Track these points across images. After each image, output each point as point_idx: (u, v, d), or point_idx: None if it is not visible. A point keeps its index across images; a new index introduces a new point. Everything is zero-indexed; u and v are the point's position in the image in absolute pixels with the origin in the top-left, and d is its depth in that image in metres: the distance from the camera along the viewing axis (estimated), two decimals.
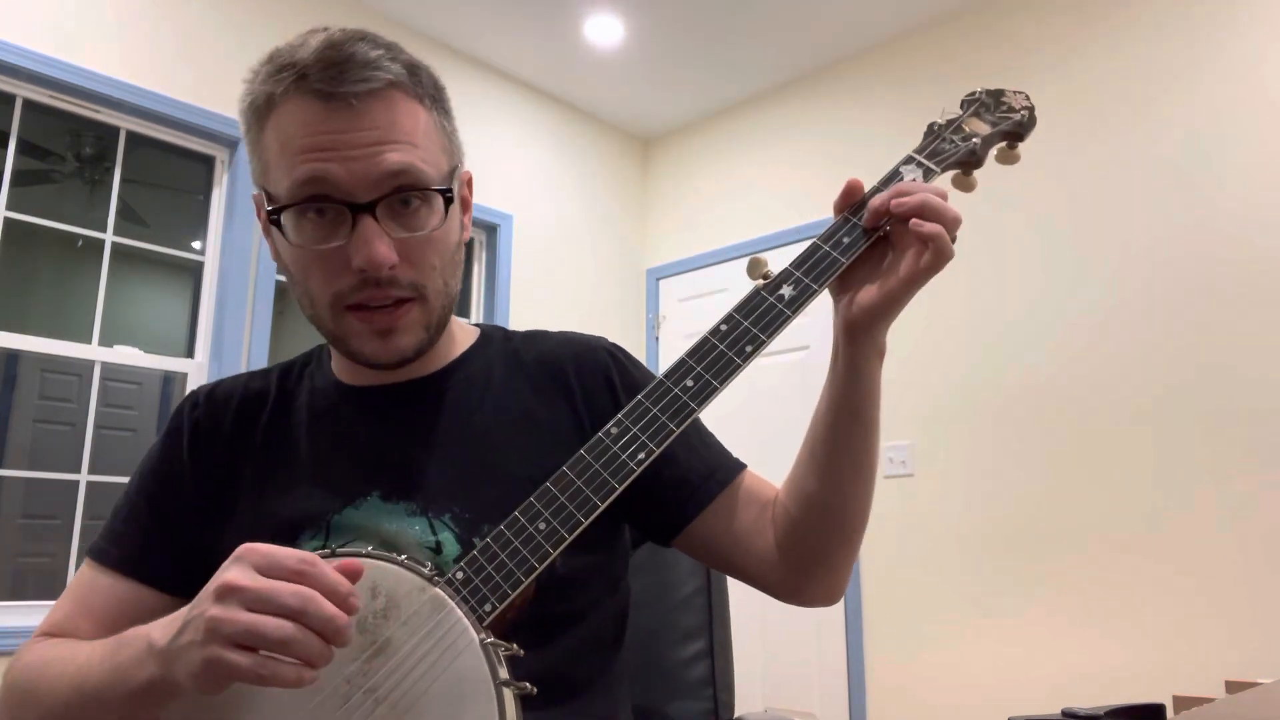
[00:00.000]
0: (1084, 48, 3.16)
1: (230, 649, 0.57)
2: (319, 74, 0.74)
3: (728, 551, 0.86)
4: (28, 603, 2.64)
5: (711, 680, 1.12)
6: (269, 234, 0.81)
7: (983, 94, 0.84)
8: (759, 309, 0.74)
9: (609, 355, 0.93)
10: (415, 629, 0.64)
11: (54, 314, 4.28)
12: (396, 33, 3.63)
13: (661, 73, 4.01)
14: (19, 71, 2.69)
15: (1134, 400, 2.89)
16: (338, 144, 0.74)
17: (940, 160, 0.79)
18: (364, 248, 0.74)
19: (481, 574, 0.66)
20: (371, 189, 0.74)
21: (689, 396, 0.71)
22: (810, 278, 0.74)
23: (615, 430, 0.70)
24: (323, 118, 0.74)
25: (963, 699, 3.12)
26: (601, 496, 0.68)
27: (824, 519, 0.81)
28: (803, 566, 0.83)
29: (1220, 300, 2.76)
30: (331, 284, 0.76)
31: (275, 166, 0.76)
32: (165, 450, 0.88)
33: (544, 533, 0.67)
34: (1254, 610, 2.58)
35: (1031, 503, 3.05)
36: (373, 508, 0.80)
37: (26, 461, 4.14)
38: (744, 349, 0.72)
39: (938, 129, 0.82)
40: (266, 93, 0.76)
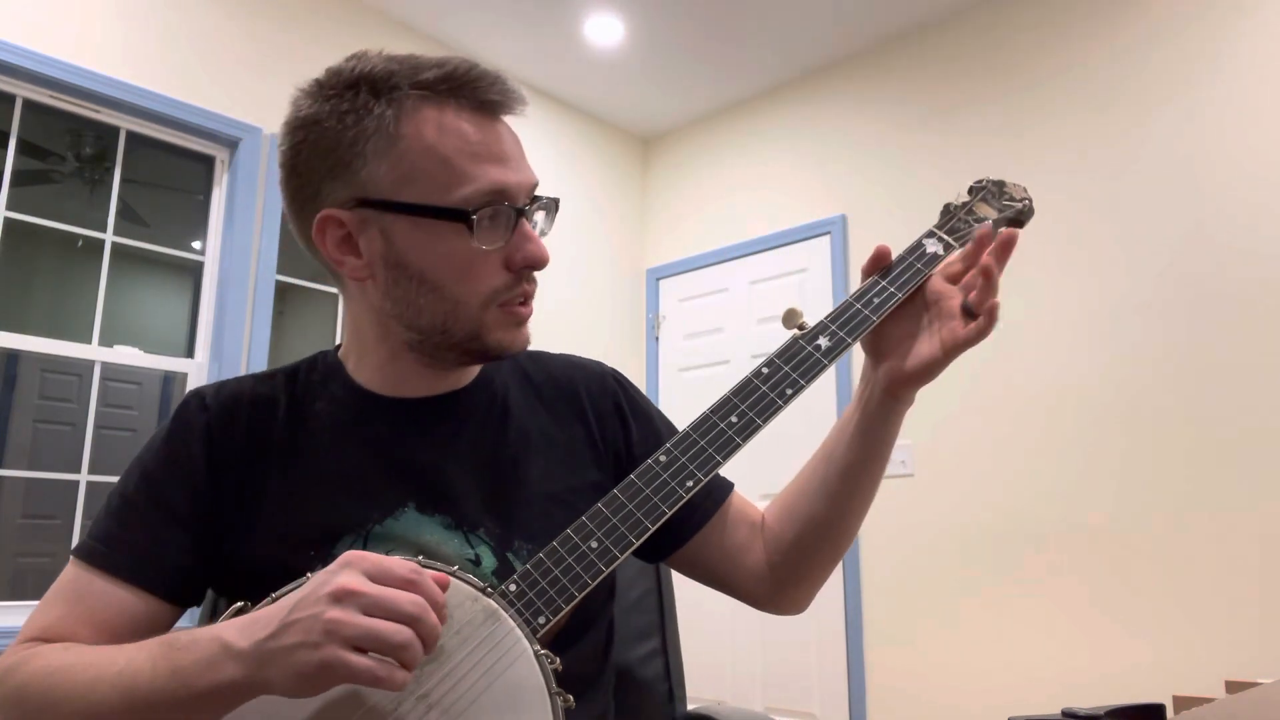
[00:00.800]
0: (1085, 48, 3.16)
1: (350, 651, 0.58)
2: (474, 82, 0.80)
3: (718, 567, 0.93)
4: (28, 603, 2.64)
5: (667, 675, 1.19)
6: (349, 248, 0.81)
7: (988, 183, 0.95)
8: (798, 356, 0.82)
9: (615, 382, 0.99)
10: (468, 638, 0.66)
11: (54, 314, 4.28)
12: (397, 33, 3.64)
13: (661, 73, 4.01)
14: (19, 71, 2.69)
15: (1134, 401, 2.89)
16: (511, 154, 0.81)
17: (957, 237, 0.90)
18: (533, 245, 0.81)
19: (535, 588, 0.70)
20: (526, 197, 0.82)
21: (734, 431, 0.78)
22: (845, 331, 0.82)
23: (665, 459, 0.77)
24: (486, 126, 0.80)
25: (963, 700, 3.12)
26: (652, 520, 0.74)
27: (824, 540, 0.88)
28: (792, 581, 0.90)
29: (1222, 301, 2.76)
30: (489, 282, 0.80)
31: (433, 174, 0.78)
32: (173, 452, 0.83)
33: (596, 551, 0.72)
34: (1254, 610, 2.58)
35: (1031, 503, 3.05)
36: (411, 519, 0.81)
37: (26, 461, 4.14)
38: (785, 391, 0.80)
39: (953, 210, 0.93)
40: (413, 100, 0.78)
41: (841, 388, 3.63)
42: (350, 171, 0.78)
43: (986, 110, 3.37)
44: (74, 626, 0.76)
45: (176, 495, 0.81)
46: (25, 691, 0.71)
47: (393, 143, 0.77)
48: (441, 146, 0.78)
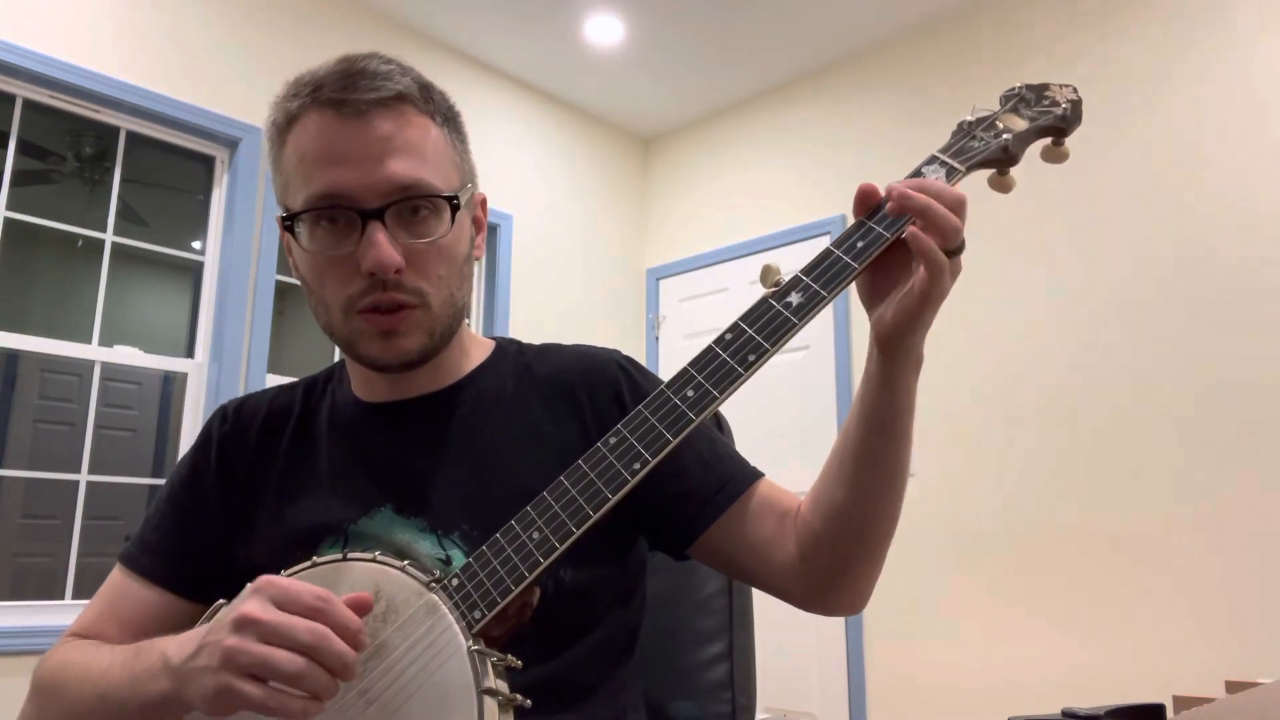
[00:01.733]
0: (1085, 48, 3.16)
1: (243, 679, 0.60)
2: (333, 84, 0.78)
3: (745, 562, 0.85)
4: (28, 603, 2.64)
5: (730, 683, 1.11)
6: (289, 251, 0.85)
7: (1023, 88, 0.80)
8: (765, 316, 0.70)
9: (619, 369, 0.93)
10: (409, 632, 0.65)
11: (54, 314, 4.29)
12: (397, 33, 3.64)
13: (661, 73, 4.01)
14: (19, 71, 2.69)
15: (1134, 402, 2.89)
16: (350, 153, 0.77)
17: (966, 159, 0.76)
18: (371, 250, 0.76)
19: (474, 580, 0.67)
20: (380, 197, 0.77)
21: (688, 406, 0.69)
22: (820, 284, 0.71)
23: (613, 440, 0.70)
24: (335, 128, 0.78)
25: (963, 699, 3.12)
26: (594, 506, 0.68)
27: (850, 530, 0.80)
28: (827, 577, 0.82)
29: (1224, 304, 2.76)
30: (344, 289, 0.79)
31: (293, 179, 0.80)
32: (194, 462, 0.91)
33: (536, 542, 0.68)
34: (1254, 610, 2.58)
35: (1032, 503, 3.05)
36: (387, 519, 0.82)
37: (26, 461, 4.14)
38: (746, 358, 0.69)
39: (967, 126, 0.78)
40: (286, 110, 0.80)
41: (840, 383, 3.63)
42: (274, 183, 0.84)
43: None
44: (105, 623, 0.86)
45: (194, 504, 0.89)
46: (41, 682, 0.81)
47: (279, 153, 0.82)
48: (296, 153, 0.79)
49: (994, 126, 0.77)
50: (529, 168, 4.07)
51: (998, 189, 0.78)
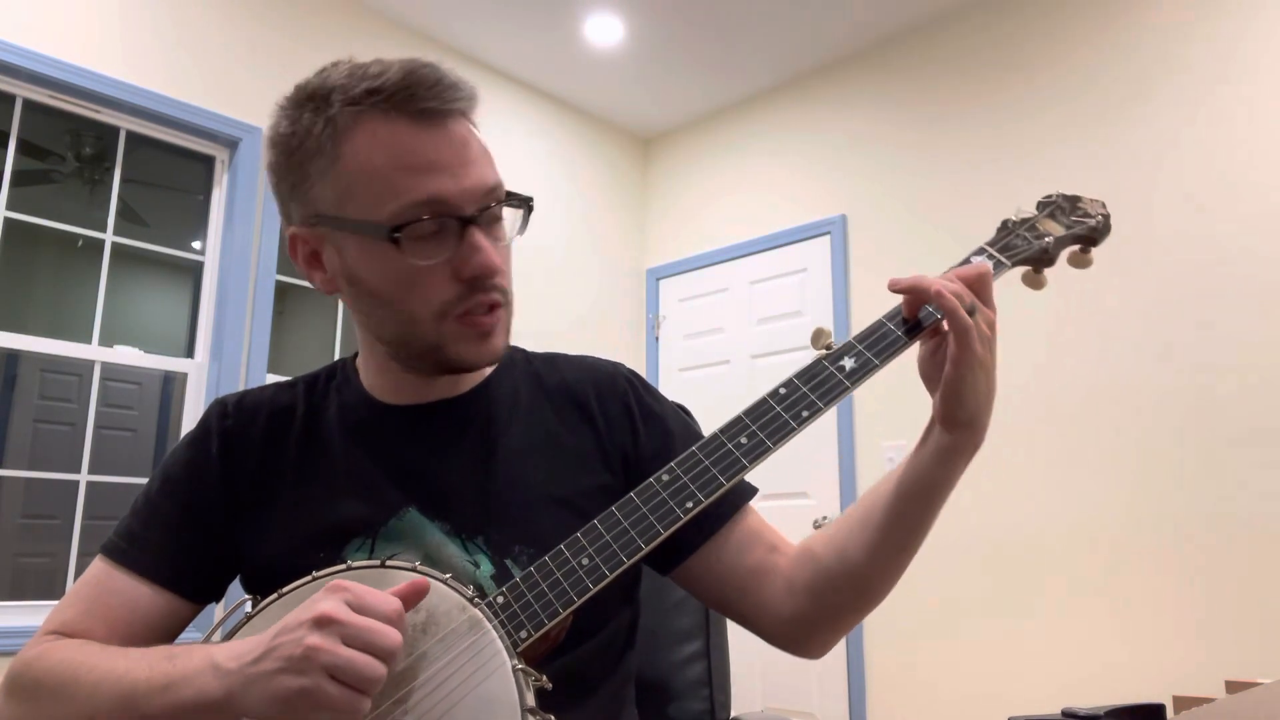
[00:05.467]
0: (1085, 48, 3.16)
1: (327, 680, 0.59)
2: (409, 90, 0.76)
3: (726, 591, 0.86)
4: (28, 603, 2.64)
5: (708, 681, 1.12)
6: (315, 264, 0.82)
7: (1059, 197, 0.87)
8: (819, 377, 0.75)
9: (627, 383, 0.95)
10: (450, 646, 0.66)
11: (54, 314, 4.29)
12: (398, 32, 3.64)
13: (661, 73, 4.01)
14: (19, 71, 2.69)
15: (1134, 402, 2.89)
16: (446, 160, 0.77)
17: (1011, 255, 0.82)
18: (478, 256, 0.78)
19: (521, 600, 0.69)
20: (475, 202, 0.78)
21: (741, 453, 0.73)
22: (872, 352, 0.75)
23: (666, 477, 0.73)
24: (422, 135, 0.77)
25: (963, 699, 3.12)
26: (646, 539, 0.71)
27: (854, 590, 0.81)
28: (809, 626, 0.83)
29: (1225, 302, 2.76)
30: (437, 296, 0.78)
31: (369, 188, 0.77)
32: (193, 456, 0.88)
33: (586, 568, 0.70)
34: (1254, 610, 2.58)
35: (1031, 503, 3.05)
36: (414, 520, 0.82)
37: (26, 461, 4.14)
38: (800, 414, 0.74)
39: (1011, 225, 0.85)
40: (350, 117, 0.77)
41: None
42: (303, 190, 0.80)
43: (988, 110, 3.37)
44: (89, 622, 0.81)
45: (194, 497, 0.86)
46: (40, 684, 0.75)
47: (332, 161, 0.78)
48: (374, 162, 0.76)
49: (1035, 229, 0.84)
50: (529, 168, 4.07)
51: (1032, 286, 0.85)
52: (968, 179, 3.37)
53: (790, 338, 3.86)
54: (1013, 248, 0.83)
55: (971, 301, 0.72)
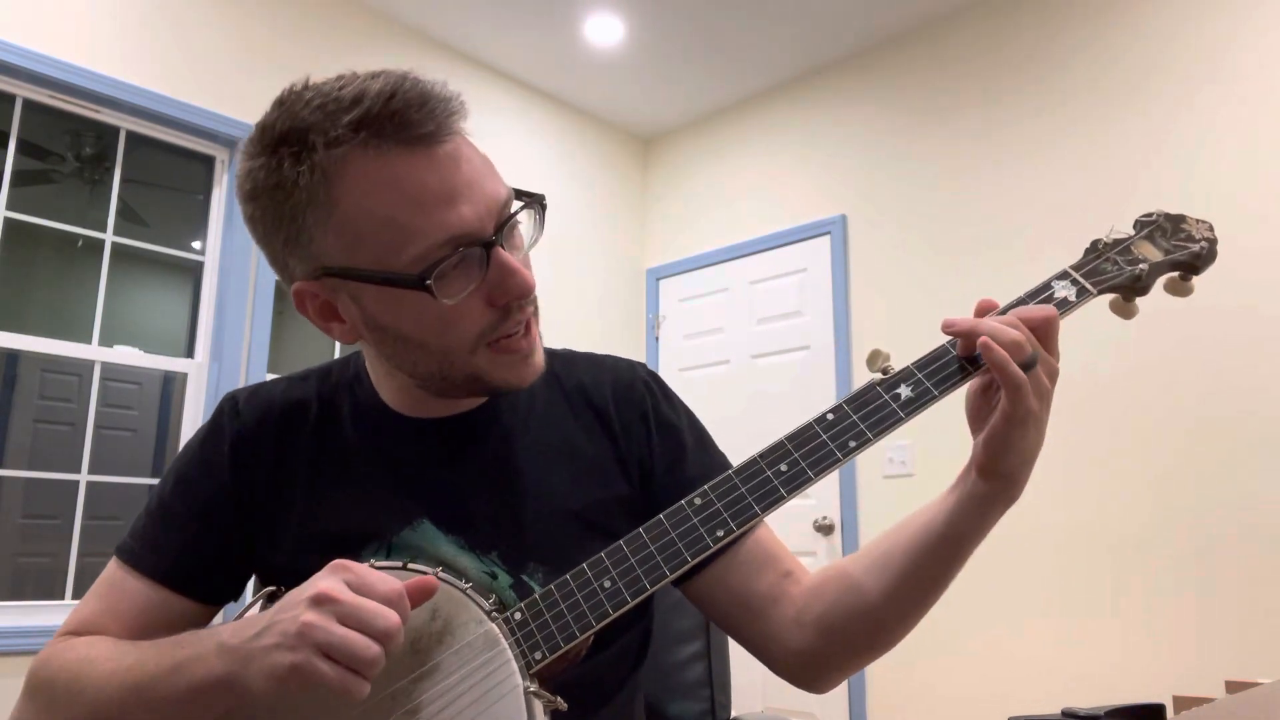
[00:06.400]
0: (1085, 48, 3.16)
1: (320, 657, 0.59)
2: (398, 114, 0.68)
3: (735, 613, 0.82)
4: (28, 603, 2.64)
5: (709, 681, 1.12)
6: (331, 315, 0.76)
7: (1160, 217, 0.78)
8: (870, 405, 0.69)
9: (645, 388, 0.91)
10: (465, 660, 0.65)
11: (54, 314, 4.28)
12: (397, 32, 3.64)
13: (661, 73, 4.01)
14: (19, 71, 2.69)
15: (1133, 401, 2.89)
16: (457, 187, 0.70)
17: (1099, 282, 0.74)
18: (512, 279, 0.72)
19: (539, 620, 0.67)
20: (492, 221, 0.72)
21: (780, 482, 0.68)
22: (932, 382, 0.69)
23: (699, 501, 0.69)
24: (426, 163, 0.69)
25: (963, 699, 3.12)
26: (672, 567, 0.67)
27: (867, 630, 0.77)
28: (819, 659, 0.79)
29: (1225, 302, 2.76)
30: (473, 328, 0.73)
31: (376, 236, 0.70)
32: (205, 456, 0.86)
33: (607, 591, 0.67)
34: (1254, 610, 2.58)
35: (1031, 503, 3.04)
36: (429, 533, 0.80)
37: (26, 461, 4.13)
38: (847, 444, 0.68)
39: (1102, 247, 0.76)
40: (336, 159, 0.69)
41: (840, 382, 3.63)
42: (302, 245, 0.73)
43: (988, 109, 3.37)
44: (104, 621, 0.81)
45: (206, 499, 0.84)
46: (54, 682, 0.76)
47: (330, 211, 0.70)
48: (378, 205, 0.69)
49: (1129, 253, 0.75)
50: (529, 168, 4.06)
51: (1120, 314, 0.76)
52: (967, 179, 3.37)
53: (790, 338, 3.85)
54: (1101, 273, 0.74)
55: (1032, 353, 0.66)
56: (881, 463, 3.41)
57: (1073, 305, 0.73)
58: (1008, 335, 0.65)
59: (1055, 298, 0.72)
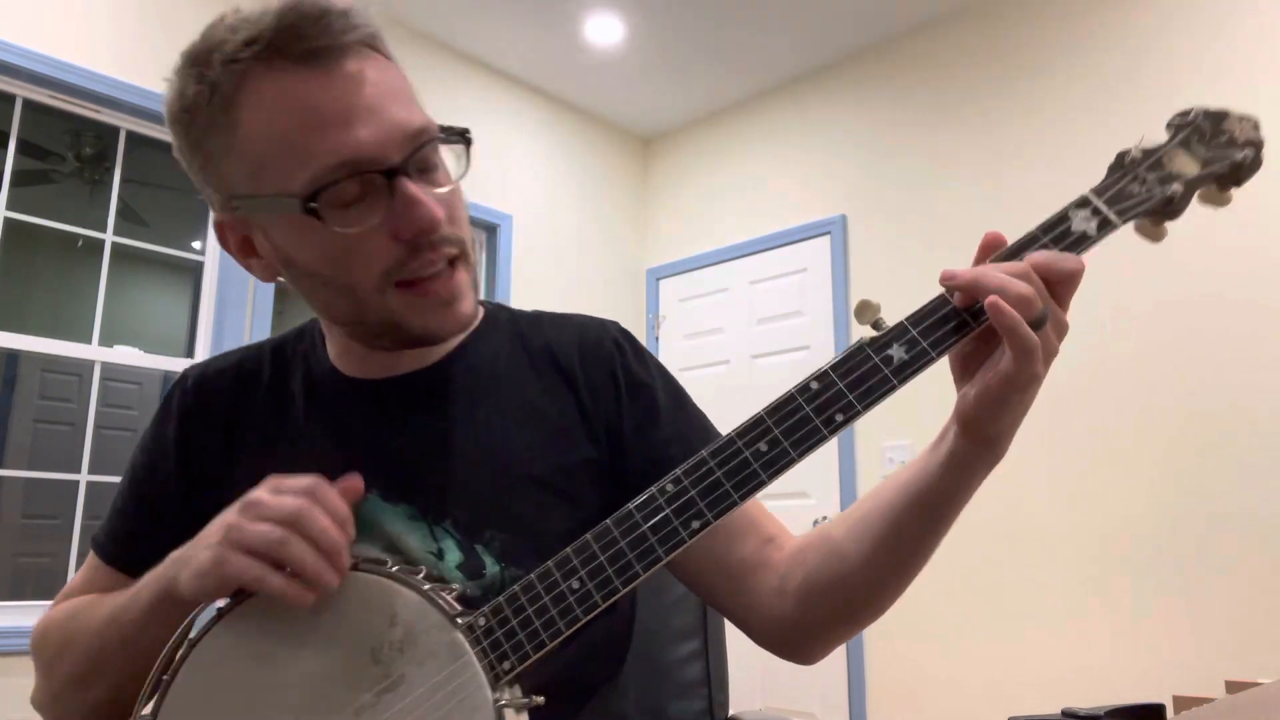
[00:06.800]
0: (1087, 45, 3.16)
1: (237, 551, 0.61)
2: (290, 32, 0.65)
3: (717, 581, 0.78)
4: (28, 603, 2.64)
5: (706, 680, 1.11)
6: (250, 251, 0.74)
7: (1199, 116, 0.65)
8: (860, 370, 0.61)
9: (614, 345, 0.85)
10: (431, 672, 0.61)
11: (54, 314, 4.29)
12: (396, 32, 3.63)
13: (661, 73, 4.01)
14: (19, 71, 2.69)
15: (1133, 400, 2.89)
16: (351, 109, 0.66)
17: (1125, 209, 0.62)
18: (414, 210, 0.67)
19: (505, 627, 0.62)
20: (399, 150, 0.67)
21: (760, 464, 0.61)
22: (929, 340, 0.60)
23: (671, 488, 0.62)
24: (320, 83, 0.66)
25: (963, 699, 3.12)
26: (644, 564, 0.61)
27: (847, 599, 0.72)
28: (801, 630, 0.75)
29: (1225, 296, 2.76)
30: (376, 265, 0.69)
31: (276, 158, 0.67)
32: (155, 439, 0.85)
33: (577, 594, 0.62)
34: (1254, 610, 2.58)
35: (1030, 503, 3.05)
36: (375, 506, 0.77)
37: (26, 461, 4.14)
38: (833, 418, 0.61)
39: (1130, 162, 0.64)
40: (229, 78, 0.67)
41: None
42: (211, 172, 0.71)
43: (988, 109, 3.37)
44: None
45: (156, 482, 0.84)
46: (48, 640, 0.80)
47: (231, 133, 0.68)
48: (274, 126, 0.66)
49: (1161, 167, 0.64)
50: (529, 168, 4.07)
51: (1148, 237, 0.65)
52: (968, 179, 3.37)
53: (790, 338, 3.86)
54: (1129, 197, 0.63)
55: (1043, 309, 0.58)
56: (882, 462, 3.42)
57: (1092, 240, 0.62)
58: (1017, 290, 0.57)
59: (1073, 231, 0.61)
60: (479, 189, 3.81)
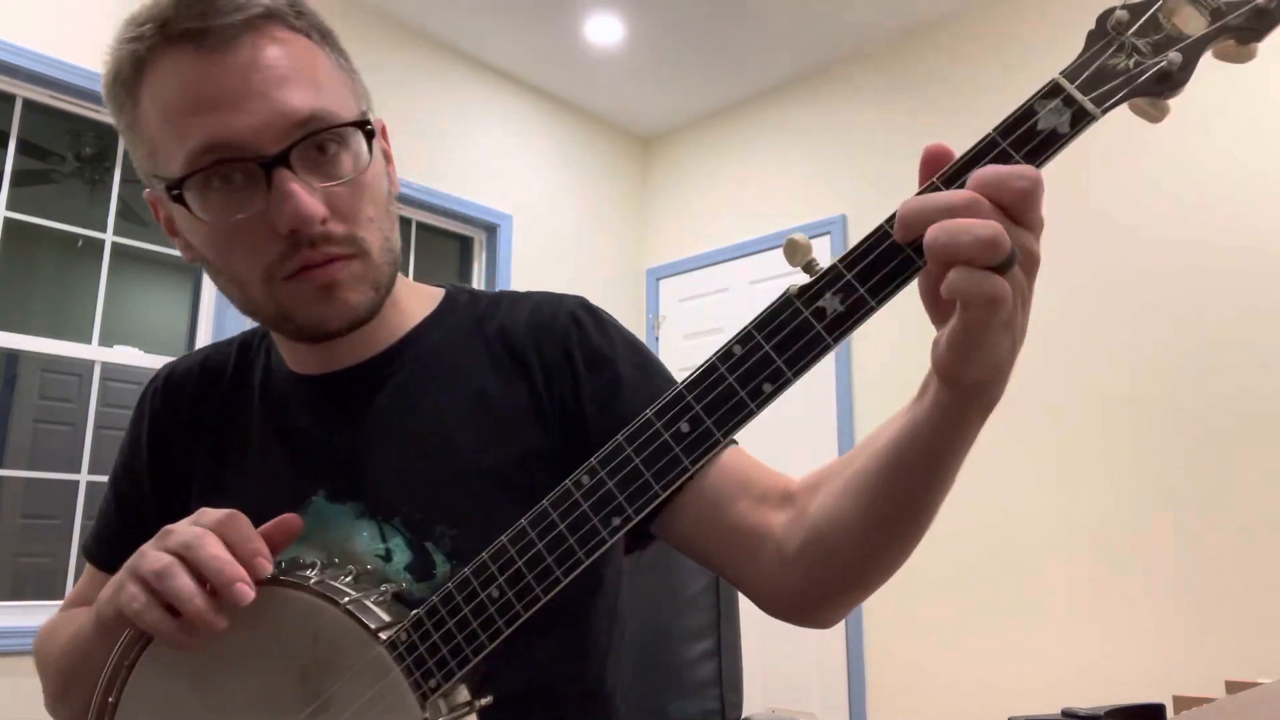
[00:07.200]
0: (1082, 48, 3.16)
1: (132, 579, 0.59)
2: (184, 13, 0.64)
3: (712, 549, 0.71)
4: (28, 603, 2.64)
5: (719, 680, 1.10)
6: (173, 229, 0.73)
7: None
8: (788, 327, 0.52)
9: (571, 320, 0.78)
10: (358, 692, 0.59)
11: (54, 314, 4.28)
12: (396, 33, 3.64)
13: (661, 73, 4.01)
14: (19, 71, 2.69)
15: (1134, 400, 2.89)
16: (228, 91, 0.63)
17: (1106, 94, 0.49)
18: (287, 204, 0.63)
19: (428, 642, 0.57)
20: (279, 138, 0.64)
21: (682, 448, 0.53)
22: (869, 285, 0.50)
23: (586, 480, 0.55)
24: (202, 65, 0.64)
25: (963, 699, 3.12)
26: (565, 569, 0.55)
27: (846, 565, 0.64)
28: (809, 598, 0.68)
29: (1224, 295, 2.76)
30: (259, 259, 0.66)
31: (163, 141, 0.66)
32: (130, 440, 0.85)
33: (497, 603, 0.56)
34: (1254, 610, 2.58)
35: (1031, 503, 3.05)
36: (320, 510, 0.74)
37: (26, 461, 4.14)
38: (761, 387, 0.52)
39: (1115, 25, 0.50)
40: (132, 57, 0.66)
41: (841, 367, 3.63)
42: (132, 148, 0.71)
43: (988, 110, 3.36)
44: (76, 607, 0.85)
45: (132, 484, 0.84)
46: (37, 651, 0.82)
47: (134, 112, 0.67)
48: (163, 106, 0.65)
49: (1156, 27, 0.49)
50: (529, 168, 4.07)
51: (1146, 118, 0.52)
52: None
53: None
54: (1111, 76, 0.49)
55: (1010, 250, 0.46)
56: None
57: (1065, 138, 0.49)
58: (970, 233, 0.45)
59: (1039, 130, 0.49)
60: (479, 189, 3.82)
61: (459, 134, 3.79)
